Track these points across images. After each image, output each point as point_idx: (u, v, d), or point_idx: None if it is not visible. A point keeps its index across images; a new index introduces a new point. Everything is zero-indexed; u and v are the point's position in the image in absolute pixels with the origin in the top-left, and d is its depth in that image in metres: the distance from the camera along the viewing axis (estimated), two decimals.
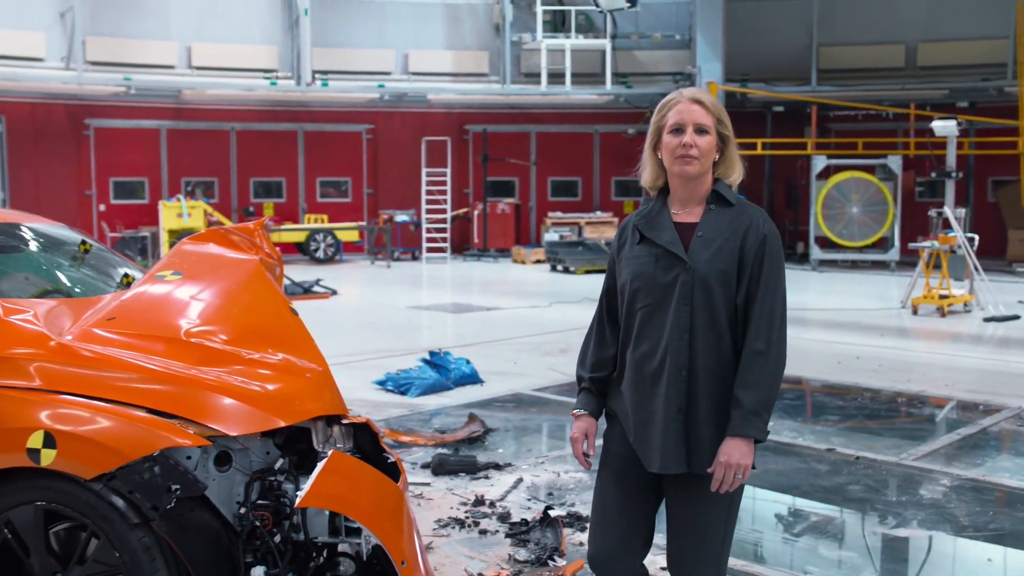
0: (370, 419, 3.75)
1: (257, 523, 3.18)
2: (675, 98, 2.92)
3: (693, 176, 2.88)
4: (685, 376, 2.82)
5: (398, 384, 8.27)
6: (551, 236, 22.43)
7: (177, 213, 21.23)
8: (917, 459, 6.20)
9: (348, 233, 23.20)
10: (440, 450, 6.24)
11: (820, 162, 20.70)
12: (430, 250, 23.39)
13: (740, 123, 17.37)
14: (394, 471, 3.56)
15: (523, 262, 22.07)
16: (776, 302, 2.84)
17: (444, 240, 23.39)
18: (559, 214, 24.08)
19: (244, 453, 3.30)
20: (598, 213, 24.40)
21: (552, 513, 4.82)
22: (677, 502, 2.92)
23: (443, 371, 8.46)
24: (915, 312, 13.25)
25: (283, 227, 22.48)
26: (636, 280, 2.89)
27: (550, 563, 4.33)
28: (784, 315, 2.87)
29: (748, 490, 5.61)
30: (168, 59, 23.07)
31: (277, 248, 4.87)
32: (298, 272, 18.61)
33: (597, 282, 14.31)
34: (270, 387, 3.43)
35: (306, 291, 15.73)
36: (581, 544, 4.65)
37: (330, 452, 3.26)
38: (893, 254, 20.14)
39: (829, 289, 17.22)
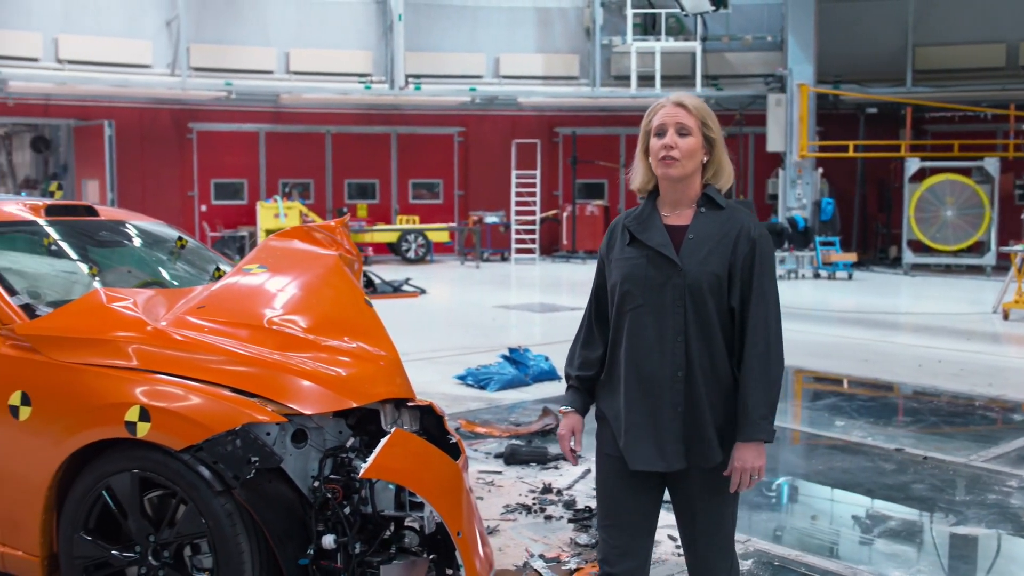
0: (434, 403, 4.01)
1: (329, 495, 3.45)
2: (661, 102, 2.97)
3: (675, 178, 2.92)
4: (682, 377, 2.87)
5: (478, 379, 8.55)
6: None
7: (274, 214, 21.95)
8: (986, 461, 6.22)
9: (439, 234, 23.65)
10: (513, 441, 6.48)
11: (914, 164, 20.40)
12: (519, 251, 23.70)
13: (831, 125, 17.35)
14: (455, 451, 3.81)
15: None
16: (770, 305, 2.89)
17: (533, 241, 23.67)
18: None
19: (319, 431, 3.59)
20: None
21: None
22: (686, 498, 2.99)
23: (522, 367, 8.71)
24: (1006, 317, 13.03)
25: (375, 228, 23.03)
26: (627, 282, 2.92)
27: None
28: (778, 317, 2.92)
29: (807, 486, 5.74)
30: (267, 64, 23.85)
31: (357, 246, 5.17)
32: (389, 271, 19.09)
33: None
34: (343, 371, 3.71)
35: (396, 290, 16.15)
36: None
37: (393, 430, 3.52)
38: (989, 258, 19.75)
39: (921, 294, 16.99)
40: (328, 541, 3.42)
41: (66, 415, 3.56)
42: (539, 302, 15.26)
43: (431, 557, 3.64)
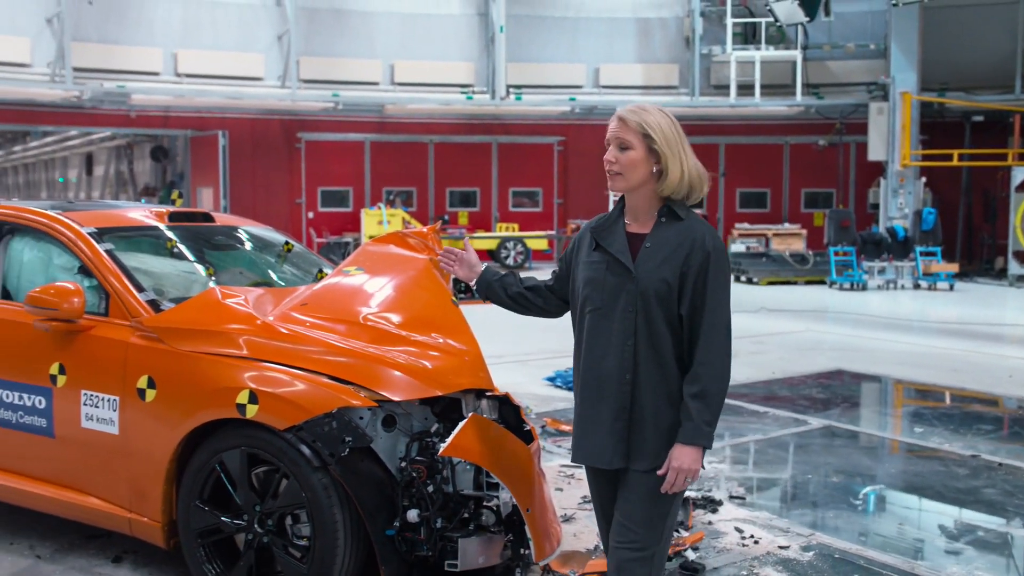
0: (511, 394, 4.36)
1: (414, 475, 3.83)
2: (612, 118, 3.08)
3: (621, 190, 3.05)
4: (629, 380, 2.97)
5: (566, 381, 8.88)
6: (737, 247, 22.51)
7: (378, 221, 22.65)
8: None
9: (537, 241, 24.05)
10: None
11: (1021, 173, 19.99)
12: None
13: (937, 134, 17.17)
14: (529, 438, 4.17)
15: None
16: (720, 316, 2.97)
17: None
18: (746, 225, 24.09)
19: (406, 417, 3.98)
20: (786, 225, 24.25)
21: (685, 494, 5.30)
22: (622, 495, 3.07)
23: None
24: None
25: (474, 235, 23.55)
26: (587, 286, 3.06)
27: (675, 535, 4.82)
28: (729, 328, 2.98)
29: (876, 487, 5.91)
30: (373, 76, 24.62)
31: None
32: None
33: (779, 293, 14.79)
34: (430, 364, 4.10)
35: None
36: (709, 523, 5.12)
37: (470, 414, 3.89)
38: None
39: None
40: (412, 515, 3.80)
41: (186, 397, 4.03)
42: None
43: (507, 536, 3.99)
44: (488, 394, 4.21)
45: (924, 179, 21.66)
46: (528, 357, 10.43)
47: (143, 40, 22.80)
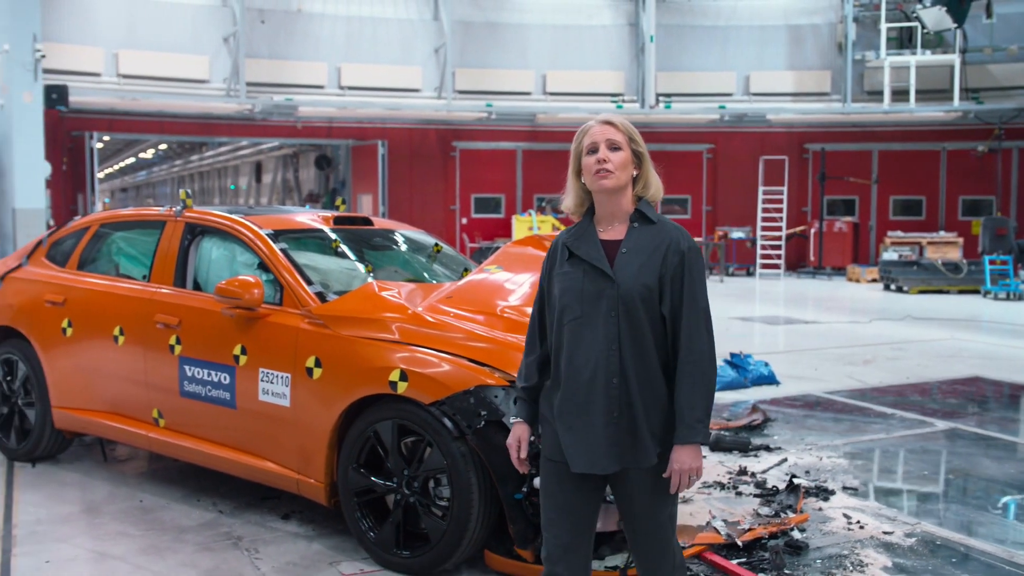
0: None
1: (540, 447, 4.36)
2: (589, 124, 3.21)
3: (611, 189, 3.13)
4: (617, 384, 3.05)
5: None
6: (890, 255, 22.16)
7: (528, 227, 23.34)
8: None
9: None
10: (721, 432, 7.18)
11: None
12: (764, 266, 23.94)
13: None
14: None
15: (857, 280, 22.08)
16: (701, 313, 3.09)
17: (778, 257, 23.84)
18: (899, 233, 23.68)
19: None
20: (941, 233, 23.72)
21: (796, 481, 5.66)
22: (626, 498, 3.17)
23: (742, 371, 9.34)
24: None
25: None
26: (565, 295, 3.12)
27: (782, 515, 5.20)
28: (710, 325, 3.11)
29: (983, 482, 6.11)
30: (525, 86, 25.35)
31: None
32: None
33: (929, 302, 14.75)
34: None
35: None
36: (820, 509, 5.46)
37: None
38: None
39: None
40: (538, 482, 4.32)
41: (347, 376, 4.68)
42: (772, 314, 15.65)
43: None
44: None
45: None
46: None
47: (310, 55, 24.19)
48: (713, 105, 25.27)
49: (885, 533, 5.09)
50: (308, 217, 5.95)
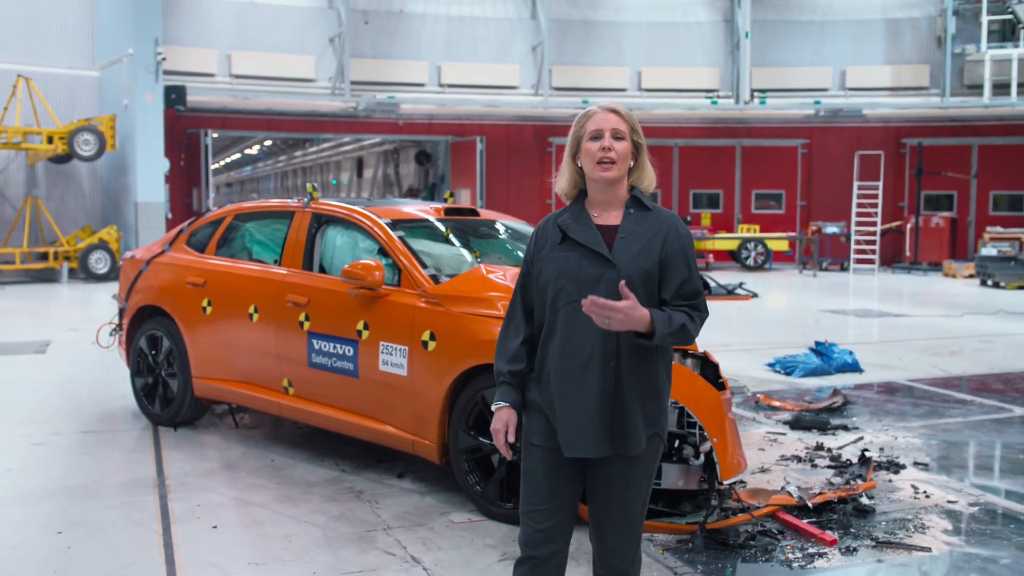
0: (708, 351, 5.36)
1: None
2: (593, 109, 3.14)
3: (613, 179, 3.09)
4: (613, 367, 3.02)
5: (784, 366, 9.66)
6: (988, 251, 21.99)
7: None
8: None
9: (778, 243, 24.43)
10: (801, 413, 7.61)
11: None
12: (858, 261, 23.96)
13: None
14: (721, 387, 5.14)
15: (953, 276, 21.98)
16: (701, 295, 3.12)
17: (873, 252, 23.83)
18: (999, 228, 23.48)
19: None
20: None
21: (868, 455, 6.08)
22: (604, 483, 3.13)
23: (826, 359, 9.71)
24: None
25: (716, 236, 24.25)
26: (561, 279, 3.07)
27: (851, 483, 5.64)
28: (706, 306, 3.14)
29: None
30: (620, 83, 25.81)
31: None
32: (726, 276, 20.35)
33: None
34: None
35: (729, 292, 17.33)
36: (890, 481, 5.88)
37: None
38: None
39: None
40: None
41: (457, 347, 5.28)
42: (863, 308, 15.83)
43: (704, 470, 4.99)
44: (691, 353, 5.23)
45: None
46: (754, 347, 11.24)
47: (411, 54, 25.05)
48: (808, 100, 25.36)
49: (949, 502, 5.50)
50: (420, 208, 6.58)
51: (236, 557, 4.63)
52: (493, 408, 3.15)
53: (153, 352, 7.29)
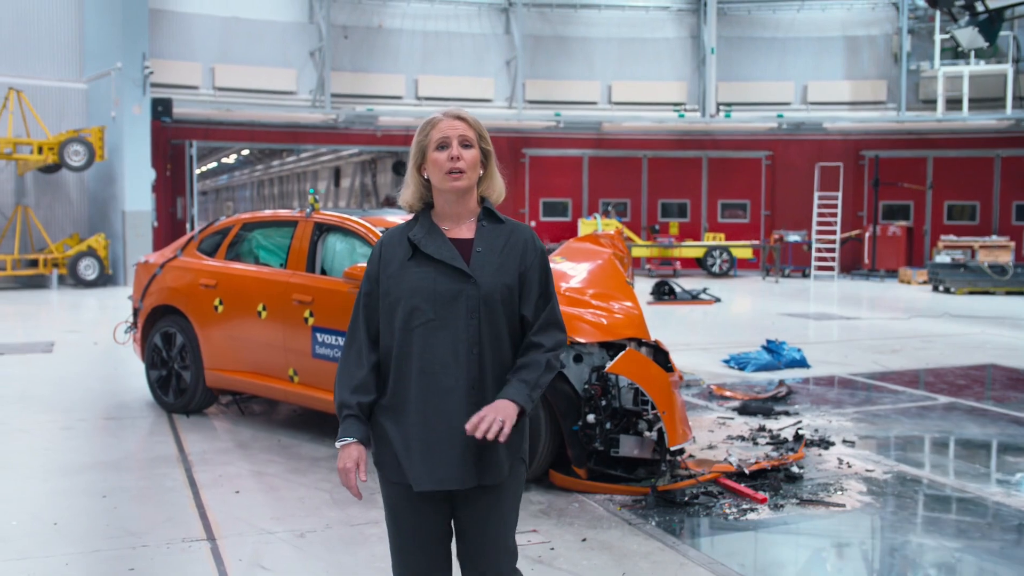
0: (660, 340, 6.25)
1: (592, 393, 5.77)
2: (437, 117, 2.95)
3: (463, 189, 2.91)
4: (477, 389, 2.84)
5: (738, 362, 10.58)
6: (942, 258, 23.05)
7: (593, 229, 24.71)
8: None
9: (742, 250, 25.43)
10: (748, 401, 8.51)
11: None
12: (819, 268, 25.01)
13: None
14: (670, 370, 6.04)
15: (908, 282, 23.05)
16: (557, 309, 3.00)
17: (833, 259, 24.89)
18: (952, 237, 24.58)
19: (590, 355, 5.93)
20: (994, 237, 24.56)
21: (801, 433, 6.99)
22: (473, 514, 2.94)
23: (776, 355, 10.63)
24: None
25: (683, 244, 25.24)
26: (414, 296, 2.86)
27: (780, 454, 6.55)
28: (562, 322, 3.03)
29: (964, 442, 7.33)
30: (591, 96, 26.79)
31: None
32: (691, 282, 21.30)
33: (973, 302, 16.33)
34: (606, 320, 6.04)
35: (694, 297, 18.28)
36: (819, 455, 6.77)
37: (628, 348, 5.81)
38: None
39: None
40: (591, 419, 5.74)
41: None
42: (818, 311, 16.81)
43: (656, 441, 5.87)
44: (645, 342, 6.13)
45: None
46: (712, 345, 12.16)
47: (389, 68, 25.92)
48: (772, 114, 26.43)
49: (867, 471, 6.41)
50: (406, 219, 7.42)
51: (260, 514, 5.46)
52: (338, 445, 2.86)
53: (167, 347, 8.08)
